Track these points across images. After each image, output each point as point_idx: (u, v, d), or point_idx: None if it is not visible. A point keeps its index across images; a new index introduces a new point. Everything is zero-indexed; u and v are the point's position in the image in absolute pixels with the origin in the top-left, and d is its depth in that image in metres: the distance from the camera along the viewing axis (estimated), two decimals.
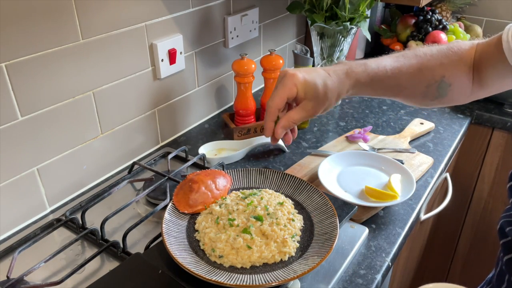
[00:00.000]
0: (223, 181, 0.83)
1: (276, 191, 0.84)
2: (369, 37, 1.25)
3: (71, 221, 0.84)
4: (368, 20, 1.23)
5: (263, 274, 0.66)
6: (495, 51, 0.74)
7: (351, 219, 0.86)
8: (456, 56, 0.77)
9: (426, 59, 0.77)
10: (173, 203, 0.79)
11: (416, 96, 0.80)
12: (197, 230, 0.75)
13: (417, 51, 0.78)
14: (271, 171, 0.88)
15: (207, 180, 0.81)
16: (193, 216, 0.79)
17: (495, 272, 0.75)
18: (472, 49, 0.78)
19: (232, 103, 1.35)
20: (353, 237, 0.82)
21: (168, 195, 0.86)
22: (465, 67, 0.77)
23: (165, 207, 0.79)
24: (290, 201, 0.81)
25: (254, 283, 0.64)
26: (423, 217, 1.01)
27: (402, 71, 0.76)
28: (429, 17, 1.63)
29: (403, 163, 1.03)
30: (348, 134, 1.17)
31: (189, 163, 0.97)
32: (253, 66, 1.12)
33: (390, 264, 0.80)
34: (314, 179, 0.99)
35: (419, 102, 0.82)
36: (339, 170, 1.00)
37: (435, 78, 0.76)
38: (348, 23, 1.17)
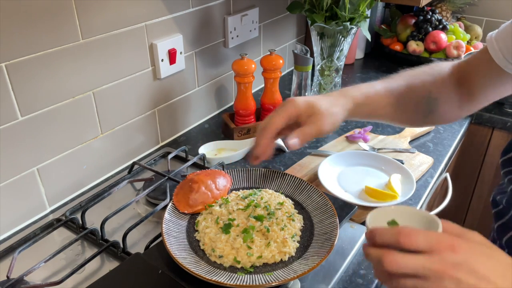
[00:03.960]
0: (223, 181, 0.83)
1: (276, 191, 0.84)
2: (369, 37, 1.25)
3: (71, 221, 0.84)
4: (368, 20, 1.23)
5: (263, 274, 0.66)
6: (483, 59, 0.75)
7: (351, 219, 0.86)
8: (438, 74, 0.81)
9: (411, 79, 0.81)
10: (173, 203, 0.79)
11: (408, 113, 0.82)
12: (197, 230, 0.75)
13: (402, 74, 0.82)
14: (271, 171, 0.88)
15: (207, 180, 0.81)
16: (193, 216, 0.79)
17: None
18: (454, 67, 0.82)
19: (232, 103, 1.35)
20: (353, 237, 0.82)
21: (168, 195, 0.86)
22: (449, 83, 0.80)
23: (165, 207, 0.79)
24: (290, 201, 0.81)
25: (254, 283, 0.64)
26: None
27: (392, 90, 0.79)
28: (429, 17, 1.63)
29: (403, 163, 1.03)
30: (348, 134, 1.17)
31: (189, 163, 0.97)
32: (253, 66, 1.12)
33: None
34: (314, 179, 0.99)
35: (414, 120, 0.85)
36: (339, 170, 1.00)
37: (422, 94, 0.80)
38: (348, 23, 1.17)
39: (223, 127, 1.21)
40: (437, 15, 1.66)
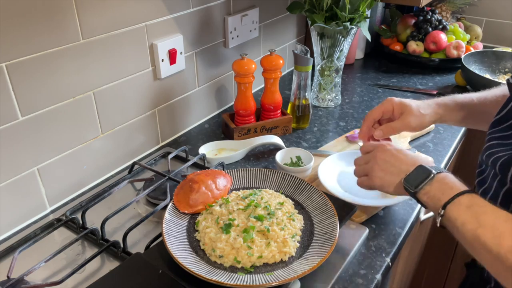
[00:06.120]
0: (223, 181, 0.83)
1: (276, 191, 0.85)
2: (369, 37, 1.25)
3: (71, 221, 0.84)
4: (368, 20, 1.23)
5: (263, 274, 0.66)
6: None
7: (351, 219, 0.86)
8: None
9: (505, 90, 0.87)
10: (173, 203, 0.79)
11: None
12: (197, 230, 0.75)
13: (499, 86, 0.91)
14: (271, 171, 0.88)
15: (207, 180, 0.81)
16: (194, 216, 0.79)
17: None
18: None
19: (232, 103, 1.35)
20: (353, 237, 0.82)
21: (168, 195, 0.86)
22: None
23: (165, 207, 0.79)
24: (290, 201, 0.81)
25: (254, 283, 0.64)
26: (423, 217, 1.01)
27: (487, 99, 0.88)
28: (429, 17, 1.63)
29: None
30: (348, 134, 1.17)
31: (189, 163, 0.98)
32: (253, 66, 1.12)
33: (390, 264, 0.80)
34: (314, 179, 0.99)
35: None
36: (339, 170, 1.00)
37: None
38: (348, 23, 1.17)
39: (223, 127, 1.21)
40: (437, 15, 1.66)
